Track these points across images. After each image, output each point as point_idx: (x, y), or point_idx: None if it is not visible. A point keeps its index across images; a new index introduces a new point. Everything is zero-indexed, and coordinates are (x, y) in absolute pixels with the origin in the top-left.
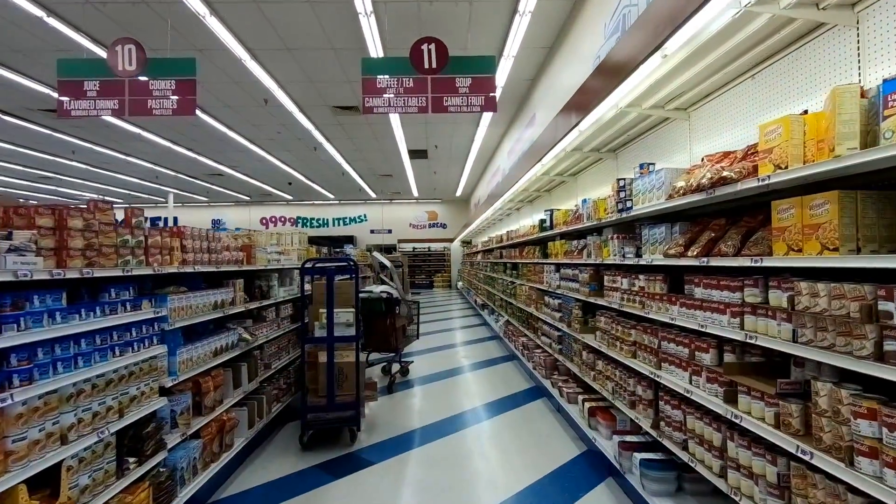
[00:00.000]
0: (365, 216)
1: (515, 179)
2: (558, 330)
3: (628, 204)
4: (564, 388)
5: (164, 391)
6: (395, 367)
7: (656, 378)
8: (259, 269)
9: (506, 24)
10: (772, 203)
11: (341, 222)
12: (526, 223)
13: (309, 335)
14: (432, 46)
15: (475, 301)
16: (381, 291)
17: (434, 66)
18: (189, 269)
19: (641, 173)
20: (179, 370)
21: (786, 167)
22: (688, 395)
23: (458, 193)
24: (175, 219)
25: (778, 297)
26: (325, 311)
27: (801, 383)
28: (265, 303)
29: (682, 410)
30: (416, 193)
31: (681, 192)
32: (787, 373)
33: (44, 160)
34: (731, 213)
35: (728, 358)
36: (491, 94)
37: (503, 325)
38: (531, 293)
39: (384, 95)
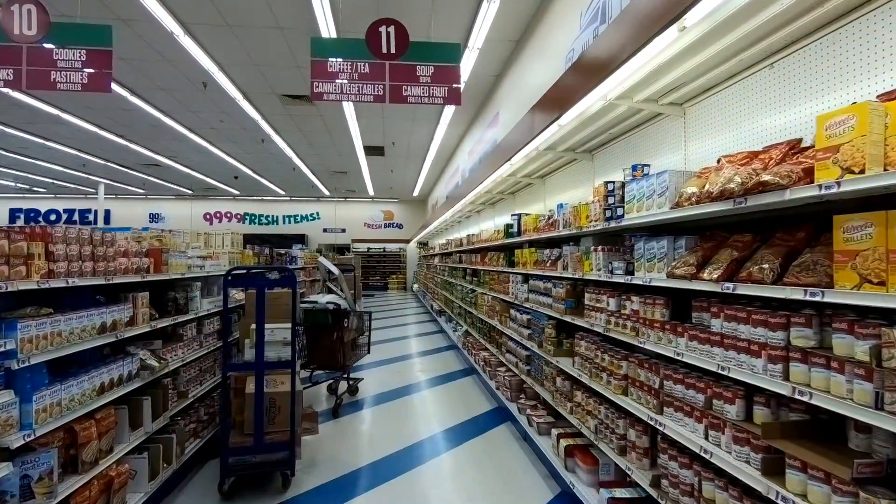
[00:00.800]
0: (318, 214)
1: (479, 180)
2: (526, 349)
3: (619, 211)
4: (534, 418)
5: (9, 454)
6: (343, 387)
7: (657, 425)
8: (176, 278)
9: (472, 11)
10: (834, 218)
11: (292, 220)
12: (488, 226)
13: (232, 360)
14: (391, 29)
15: (431, 306)
16: (328, 302)
17: (393, 50)
18: (60, 284)
19: (635, 176)
20: (38, 421)
21: (861, 171)
22: (704, 456)
23: (416, 193)
24: (107, 212)
25: (848, 345)
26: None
27: (885, 464)
28: (181, 318)
29: (694, 471)
30: (371, 192)
31: (692, 199)
32: (842, 436)
33: None
34: (752, 227)
35: (760, 412)
36: (455, 86)
37: (462, 335)
38: (494, 304)
39: (336, 81)
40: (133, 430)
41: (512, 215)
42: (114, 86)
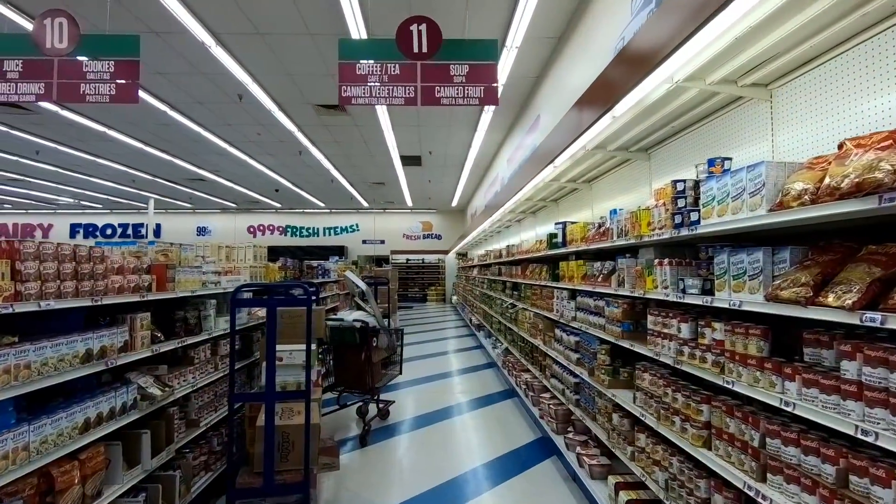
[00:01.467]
0: (357, 226)
1: (520, 186)
2: (575, 376)
3: (692, 216)
4: (585, 458)
5: None
6: (373, 411)
7: (757, 497)
8: (187, 296)
9: (510, 6)
10: None
11: (332, 232)
12: (528, 236)
13: (252, 383)
14: (423, 27)
15: (470, 320)
16: (355, 319)
17: (425, 50)
18: (29, 307)
19: (712, 172)
20: None
21: None
22: None
23: (454, 203)
24: (157, 226)
25: None
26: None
27: None
28: (191, 340)
29: None
30: (409, 203)
31: (803, 198)
32: None
33: (6, 160)
34: (874, 234)
35: None
36: (492, 85)
37: (501, 353)
38: (537, 322)
39: (366, 84)
40: (129, 469)
41: (556, 224)
42: (153, 101)
